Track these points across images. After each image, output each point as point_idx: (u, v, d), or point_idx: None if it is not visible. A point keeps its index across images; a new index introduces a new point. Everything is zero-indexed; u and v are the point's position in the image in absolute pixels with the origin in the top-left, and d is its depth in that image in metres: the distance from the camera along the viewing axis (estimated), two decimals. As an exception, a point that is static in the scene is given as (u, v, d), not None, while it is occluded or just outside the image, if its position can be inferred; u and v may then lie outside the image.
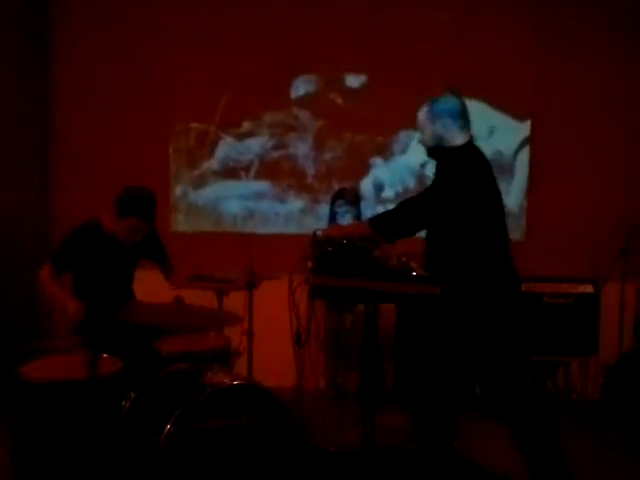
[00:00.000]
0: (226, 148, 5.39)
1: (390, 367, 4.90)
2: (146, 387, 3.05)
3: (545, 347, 4.58)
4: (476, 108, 5.08)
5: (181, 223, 5.43)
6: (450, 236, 3.19)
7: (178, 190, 5.42)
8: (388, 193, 5.35)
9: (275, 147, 5.38)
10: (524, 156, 5.24)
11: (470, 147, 3.22)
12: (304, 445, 3.41)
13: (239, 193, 5.42)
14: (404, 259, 3.25)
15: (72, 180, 5.27)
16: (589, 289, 4.80)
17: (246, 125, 5.37)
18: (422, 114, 3.28)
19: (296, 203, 5.37)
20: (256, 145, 5.39)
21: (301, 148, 5.38)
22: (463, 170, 3.13)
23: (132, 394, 3.02)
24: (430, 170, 5.25)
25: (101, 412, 2.87)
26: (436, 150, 3.26)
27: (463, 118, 3.24)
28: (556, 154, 5.14)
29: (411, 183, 5.34)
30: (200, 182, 5.43)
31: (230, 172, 5.40)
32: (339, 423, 3.59)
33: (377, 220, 3.20)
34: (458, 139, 3.20)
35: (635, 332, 4.94)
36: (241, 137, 5.38)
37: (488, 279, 3.14)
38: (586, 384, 5.01)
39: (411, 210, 3.18)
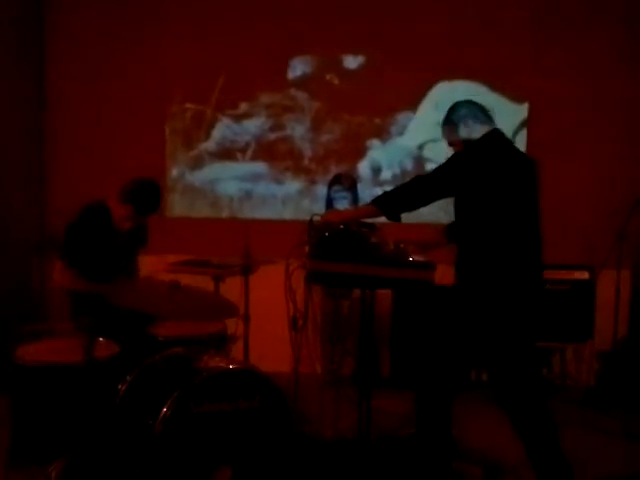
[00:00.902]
0: (223, 129, 5.36)
1: (387, 353, 4.91)
2: (142, 371, 3.05)
3: (541, 333, 4.58)
4: (474, 90, 5.10)
5: (177, 205, 5.41)
6: (467, 221, 3.17)
7: (175, 171, 5.40)
8: (385, 175, 5.34)
9: (272, 129, 5.36)
10: (522, 138, 5.22)
11: (493, 134, 3.20)
12: (300, 430, 3.43)
13: (236, 175, 5.40)
14: (401, 245, 3.25)
15: (68, 163, 5.24)
16: (585, 275, 4.82)
17: (243, 106, 5.34)
18: (445, 127, 3.27)
19: (293, 185, 5.36)
20: (253, 126, 5.37)
21: (298, 130, 5.35)
22: (481, 149, 3.13)
23: (128, 378, 3.01)
24: (428, 152, 5.27)
25: (97, 396, 2.88)
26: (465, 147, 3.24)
27: (483, 113, 3.23)
28: (553, 139, 5.12)
29: (409, 165, 5.32)
30: (197, 163, 5.41)
31: (227, 153, 5.38)
32: (335, 408, 3.60)
33: (381, 197, 3.19)
34: (482, 131, 3.18)
35: (630, 318, 4.96)
36: (238, 118, 5.35)
37: (506, 267, 3.11)
38: (581, 370, 5.03)
39: (418, 182, 3.18)
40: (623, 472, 3.54)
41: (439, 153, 4.50)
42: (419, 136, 5.27)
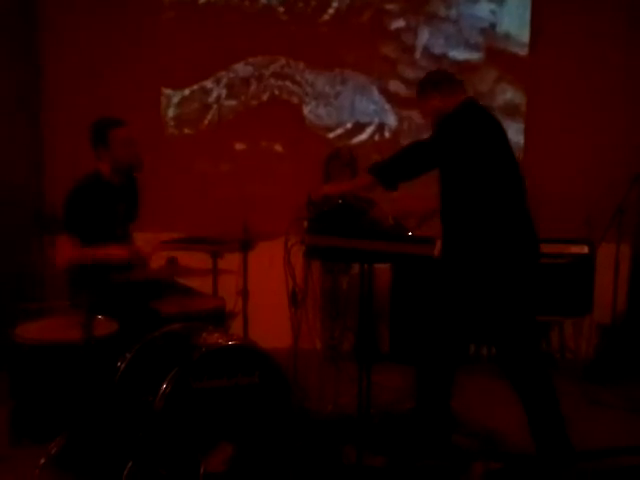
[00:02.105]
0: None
1: (386, 328, 4.92)
2: (141, 348, 3.04)
3: (540, 307, 4.59)
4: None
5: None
6: (460, 192, 3.18)
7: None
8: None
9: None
10: (519, 118, 5.20)
11: (469, 103, 3.24)
12: (300, 405, 3.44)
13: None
14: (399, 219, 3.24)
15: (65, 139, 5.19)
16: (584, 249, 4.81)
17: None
18: (420, 97, 3.32)
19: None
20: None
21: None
22: (463, 118, 3.16)
23: (127, 355, 3.01)
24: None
25: (97, 373, 2.87)
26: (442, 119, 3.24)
27: (449, 81, 3.28)
28: (551, 115, 5.10)
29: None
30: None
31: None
32: (335, 383, 3.61)
33: (377, 166, 3.18)
34: (455, 101, 3.21)
35: (629, 292, 4.96)
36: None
37: (502, 236, 3.13)
38: (580, 344, 5.04)
39: (412, 151, 3.18)
40: (623, 445, 3.55)
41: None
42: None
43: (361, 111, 5.35)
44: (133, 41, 5.21)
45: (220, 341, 3.00)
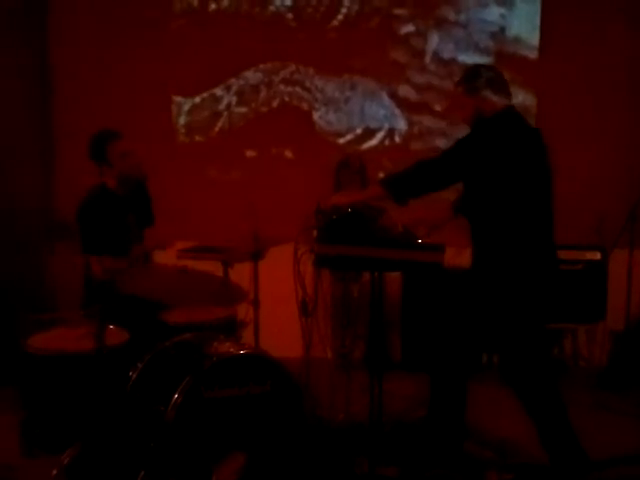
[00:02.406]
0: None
1: (397, 336, 4.90)
2: (153, 357, 3.06)
3: (553, 314, 4.56)
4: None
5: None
6: (483, 205, 3.12)
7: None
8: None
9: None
10: (530, 121, 5.17)
11: (508, 112, 3.14)
12: (311, 414, 3.43)
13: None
14: (409, 227, 3.23)
15: (74, 149, 5.19)
16: (597, 256, 4.78)
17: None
18: (462, 87, 3.18)
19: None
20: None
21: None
22: (495, 131, 3.06)
23: (139, 364, 3.02)
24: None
25: (108, 383, 2.88)
26: (476, 121, 3.16)
27: (502, 84, 3.16)
28: (561, 120, 5.07)
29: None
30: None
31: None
32: (346, 392, 3.59)
33: (390, 180, 3.14)
34: (497, 106, 3.12)
35: (643, 298, 4.92)
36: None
37: (519, 250, 3.08)
38: (593, 350, 5.01)
39: (428, 168, 3.10)
40: (637, 452, 3.52)
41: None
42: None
43: (371, 116, 5.34)
44: (144, 49, 5.23)
45: (231, 350, 3.01)
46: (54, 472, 2.80)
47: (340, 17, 5.23)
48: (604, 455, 3.32)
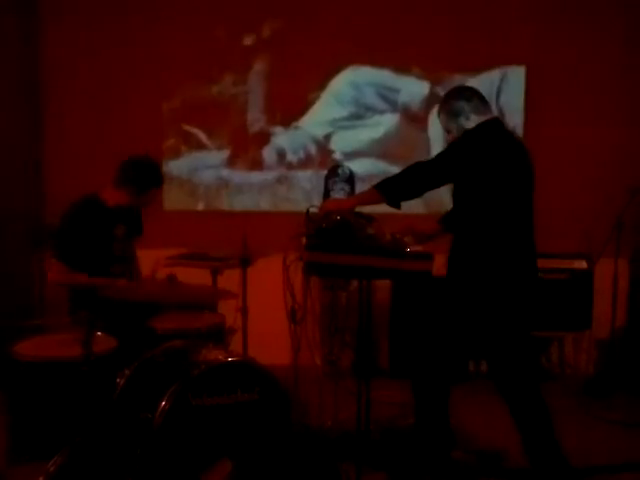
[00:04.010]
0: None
1: (385, 344, 4.91)
2: (140, 365, 3.04)
3: (539, 322, 4.58)
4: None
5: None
6: (468, 214, 3.17)
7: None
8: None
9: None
10: (518, 131, 5.21)
11: (492, 123, 3.20)
12: (299, 421, 3.43)
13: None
14: (398, 236, 3.25)
15: (65, 156, 5.22)
16: (583, 265, 4.81)
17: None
18: (443, 114, 3.26)
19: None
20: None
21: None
22: (480, 137, 3.13)
23: (127, 371, 3.01)
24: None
25: (96, 390, 2.87)
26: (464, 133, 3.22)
27: (482, 102, 3.23)
28: (549, 130, 5.11)
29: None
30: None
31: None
32: (334, 399, 3.60)
33: (384, 183, 3.16)
34: (479, 119, 3.18)
35: (628, 307, 4.96)
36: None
37: (501, 256, 3.12)
38: (579, 358, 5.04)
39: (421, 169, 3.15)
40: (623, 460, 3.54)
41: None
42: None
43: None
44: (137, 55, 5.24)
45: (219, 358, 2.99)
46: (41, 479, 2.78)
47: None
48: (589, 462, 3.35)
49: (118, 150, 3.64)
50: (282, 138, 5.31)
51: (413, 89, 5.18)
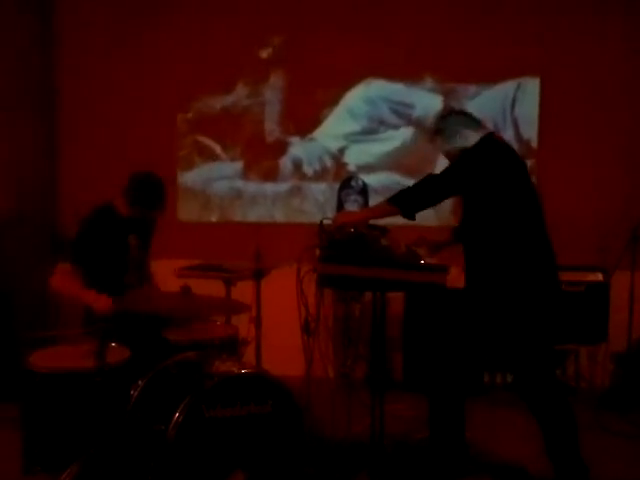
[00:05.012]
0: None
1: (399, 356, 4.89)
2: (154, 376, 3.05)
3: (556, 335, 4.55)
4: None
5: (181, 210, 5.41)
6: (482, 224, 3.18)
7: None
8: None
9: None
10: (532, 146, 5.20)
11: (490, 137, 3.24)
12: (312, 434, 3.42)
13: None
14: (412, 247, 3.24)
15: (80, 167, 5.26)
16: (599, 277, 4.78)
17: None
18: (438, 137, 3.31)
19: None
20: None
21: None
22: (485, 148, 3.16)
23: (140, 383, 3.01)
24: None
25: (109, 401, 2.87)
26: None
27: (472, 120, 3.29)
28: (563, 142, 5.10)
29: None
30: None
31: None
32: (348, 412, 3.58)
33: (399, 196, 3.18)
34: (477, 135, 3.22)
35: (644, 320, 4.91)
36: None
37: (523, 267, 3.13)
38: (595, 372, 4.99)
39: (433, 179, 3.19)
40: (639, 475, 3.50)
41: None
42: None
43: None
44: (152, 67, 5.28)
45: (233, 370, 3.00)
46: (54, 490, 2.79)
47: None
48: (605, 476, 3.32)
49: (132, 161, 3.67)
50: (298, 149, 5.32)
51: (427, 103, 5.16)
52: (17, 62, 4.87)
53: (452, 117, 3.32)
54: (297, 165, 5.32)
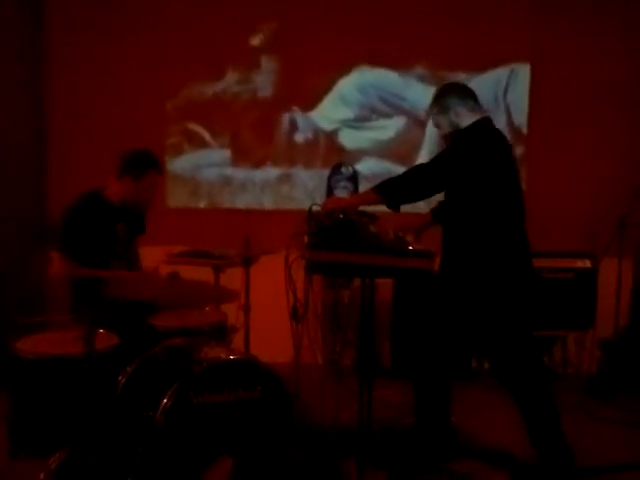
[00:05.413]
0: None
1: (387, 342, 4.90)
2: (142, 362, 3.05)
3: (542, 321, 4.58)
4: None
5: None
6: (462, 211, 3.20)
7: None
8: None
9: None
10: (522, 131, 5.21)
11: (484, 123, 3.24)
12: (300, 420, 3.43)
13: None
14: (400, 234, 3.24)
15: (68, 151, 5.22)
16: (587, 264, 4.81)
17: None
18: (434, 110, 3.32)
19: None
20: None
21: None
22: (475, 140, 3.17)
23: (128, 369, 3.01)
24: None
25: (97, 388, 2.87)
26: (454, 134, 3.27)
27: (472, 99, 3.27)
28: (553, 129, 5.11)
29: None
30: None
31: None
32: (336, 398, 3.59)
33: (385, 186, 3.18)
34: (472, 119, 3.22)
35: (632, 306, 4.95)
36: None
37: (499, 255, 3.16)
38: (583, 358, 5.03)
39: (420, 174, 3.19)
40: (625, 459, 3.53)
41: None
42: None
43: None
44: (141, 54, 5.24)
45: (221, 356, 3.00)
46: (42, 476, 2.78)
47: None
48: (592, 462, 3.34)
49: (121, 148, 3.64)
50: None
51: (418, 93, 5.14)
52: (4, 50, 4.82)
53: (451, 92, 3.30)
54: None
